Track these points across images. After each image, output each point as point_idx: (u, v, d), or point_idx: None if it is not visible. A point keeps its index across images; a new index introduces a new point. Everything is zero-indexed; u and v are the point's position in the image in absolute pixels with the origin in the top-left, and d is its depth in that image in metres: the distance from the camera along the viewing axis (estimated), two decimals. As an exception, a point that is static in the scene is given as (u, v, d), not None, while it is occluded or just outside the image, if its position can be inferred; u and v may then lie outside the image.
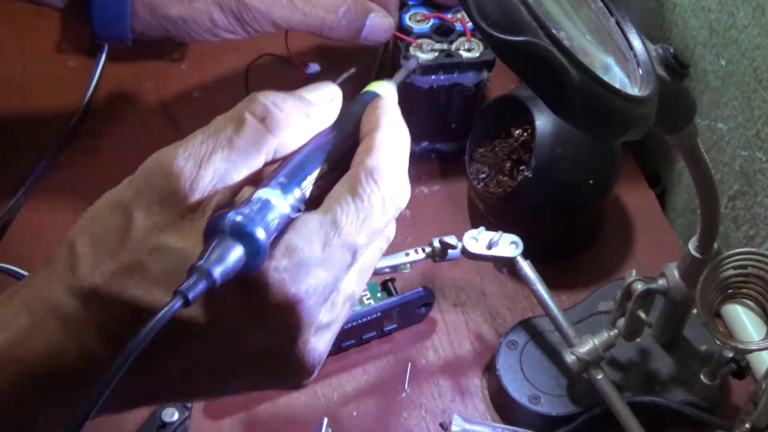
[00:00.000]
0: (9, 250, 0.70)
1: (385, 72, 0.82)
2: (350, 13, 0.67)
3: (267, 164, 0.40)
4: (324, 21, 0.67)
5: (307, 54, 0.81)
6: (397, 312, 0.64)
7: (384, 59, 0.79)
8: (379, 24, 0.69)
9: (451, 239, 0.60)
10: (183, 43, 0.86)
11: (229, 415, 0.62)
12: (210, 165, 0.38)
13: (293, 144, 0.40)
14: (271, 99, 0.40)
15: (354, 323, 0.63)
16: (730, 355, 0.57)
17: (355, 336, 0.64)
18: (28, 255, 0.70)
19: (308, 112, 0.42)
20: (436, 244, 0.61)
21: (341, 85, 0.45)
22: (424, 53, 0.70)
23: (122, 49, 0.84)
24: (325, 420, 0.62)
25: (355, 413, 0.63)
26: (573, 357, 0.57)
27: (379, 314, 0.63)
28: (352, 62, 0.77)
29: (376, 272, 0.61)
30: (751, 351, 0.56)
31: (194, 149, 0.38)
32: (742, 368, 0.58)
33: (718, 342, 0.54)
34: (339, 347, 0.64)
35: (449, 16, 0.72)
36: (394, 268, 0.61)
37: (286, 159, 0.40)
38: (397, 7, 0.71)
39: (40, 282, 0.38)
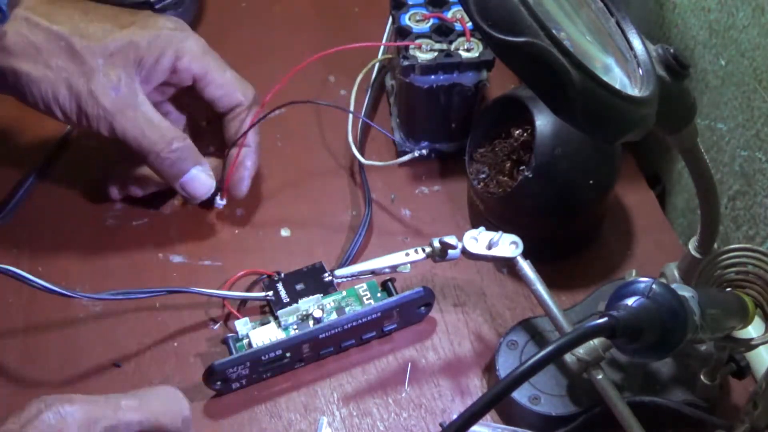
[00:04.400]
0: (9, 250, 0.70)
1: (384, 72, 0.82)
2: (181, 152, 0.66)
3: None
4: (155, 146, 0.65)
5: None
6: (397, 312, 0.64)
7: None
8: (201, 179, 0.68)
9: (451, 239, 0.60)
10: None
11: (229, 415, 0.62)
12: None
13: None
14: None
15: (354, 323, 0.63)
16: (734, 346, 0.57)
17: (355, 336, 0.64)
18: (27, 255, 0.70)
19: None
20: (436, 244, 0.61)
21: None
22: (423, 53, 0.70)
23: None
24: (325, 420, 0.62)
25: (355, 413, 0.63)
26: (573, 357, 0.57)
27: (378, 314, 0.63)
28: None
29: (377, 272, 0.61)
30: (754, 347, 0.56)
31: None
32: (741, 368, 0.58)
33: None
34: (339, 347, 0.64)
35: (449, 16, 0.72)
36: (394, 268, 0.61)
37: None
38: (244, 188, 0.70)
39: None
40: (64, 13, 0.64)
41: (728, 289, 0.56)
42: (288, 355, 0.62)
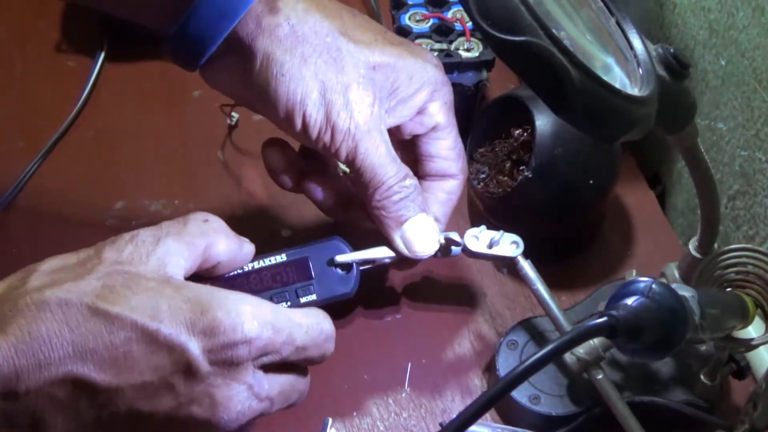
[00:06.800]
0: (6, 248, 0.70)
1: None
2: (412, 192, 0.57)
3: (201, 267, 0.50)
4: (390, 179, 0.56)
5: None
6: (308, 266, 0.56)
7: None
8: (426, 230, 0.58)
9: (454, 235, 0.60)
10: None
11: (229, 415, 0.62)
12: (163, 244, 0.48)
13: (223, 250, 0.51)
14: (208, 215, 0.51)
15: (256, 266, 0.55)
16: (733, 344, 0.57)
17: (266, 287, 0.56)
18: (24, 254, 0.70)
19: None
20: (441, 239, 0.61)
21: None
22: (424, 53, 0.70)
23: (122, 49, 0.85)
24: (330, 420, 0.62)
25: (355, 413, 0.63)
26: (573, 357, 0.57)
27: (285, 261, 0.56)
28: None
29: (377, 262, 0.61)
30: (754, 347, 0.56)
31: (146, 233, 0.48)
32: (742, 368, 0.58)
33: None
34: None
35: (449, 16, 0.72)
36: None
37: None
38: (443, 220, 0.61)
39: None
40: (333, 7, 0.56)
41: (728, 289, 0.56)
42: None
